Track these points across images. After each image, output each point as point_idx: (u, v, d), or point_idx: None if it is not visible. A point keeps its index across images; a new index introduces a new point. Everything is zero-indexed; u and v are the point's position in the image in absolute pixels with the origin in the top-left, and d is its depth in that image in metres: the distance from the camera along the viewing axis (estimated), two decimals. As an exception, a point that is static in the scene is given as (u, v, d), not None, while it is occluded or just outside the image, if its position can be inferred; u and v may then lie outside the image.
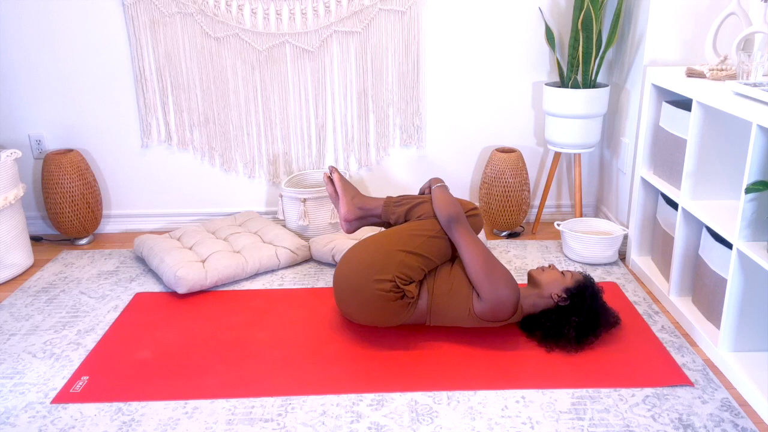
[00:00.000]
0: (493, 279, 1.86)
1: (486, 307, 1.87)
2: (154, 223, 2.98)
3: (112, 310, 2.23)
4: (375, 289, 1.86)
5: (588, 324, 1.91)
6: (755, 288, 1.80)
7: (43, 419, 1.67)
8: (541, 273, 2.01)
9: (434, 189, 2.05)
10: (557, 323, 1.91)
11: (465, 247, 1.92)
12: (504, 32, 2.72)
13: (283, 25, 2.67)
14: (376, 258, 1.89)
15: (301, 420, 1.66)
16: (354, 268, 1.92)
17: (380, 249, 1.92)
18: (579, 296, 1.91)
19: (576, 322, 1.90)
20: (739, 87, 1.74)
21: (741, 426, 1.61)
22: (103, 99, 2.77)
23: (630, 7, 2.52)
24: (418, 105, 2.81)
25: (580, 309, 1.90)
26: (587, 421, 1.64)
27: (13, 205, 2.47)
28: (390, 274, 1.86)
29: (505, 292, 1.85)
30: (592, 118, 2.58)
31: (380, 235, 1.98)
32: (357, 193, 2.17)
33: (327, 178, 2.22)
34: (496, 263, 1.90)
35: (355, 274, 1.91)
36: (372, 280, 1.86)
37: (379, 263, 1.88)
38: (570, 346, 1.91)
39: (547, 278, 1.98)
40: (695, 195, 2.06)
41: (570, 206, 3.02)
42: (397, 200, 2.09)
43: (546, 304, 1.95)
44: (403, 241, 1.92)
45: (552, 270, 2.01)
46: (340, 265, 1.98)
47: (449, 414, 1.67)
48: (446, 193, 2.03)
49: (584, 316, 1.90)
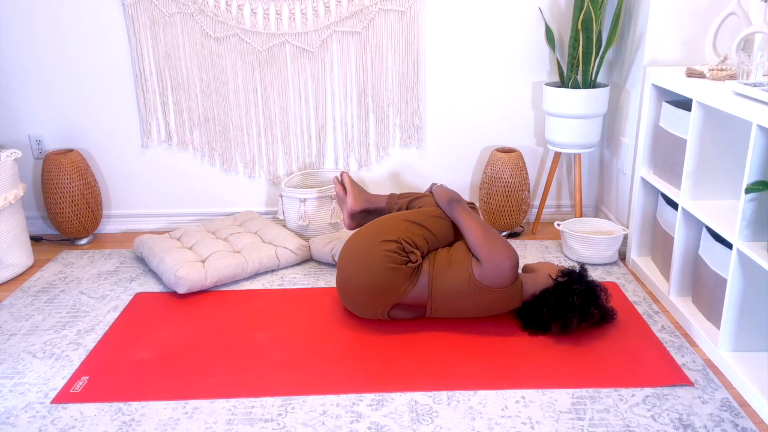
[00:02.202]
0: (492, 242, 1.98)
1: (486, 270, 1.94)
2: (154, 223, 2.98)
3: (112, 310, 2.23)
4: (381, 251, 1.95)
5: (588, 294, 1.97)
6: (755, 288, 1.80)
7: (43, 419, 1.67)
8: (536, 263, 2.16)
9: (435, 187, 2.22)
10: (560, 295, 1.97)
11: (465, 221, 2.06)
12: (504, 32, 2.72)
13: (283, 25, 2.67)
14: (381, 225, 2.04)
15: (301, 420, 1.66)
16: (360, 238, 2.04)
17: (386, 220, 2.08)
18: (574, 273, 2.02)
19: (578, 290, 1.96)
20: (739, 87, 1.74)
21: (741, 426, 1.61)
22: (103, 99, 2.77)
23: (630, 7, 2.52)
24: (418, 105, 2.81)
25: (579, 281, 1.99)
26: (587, 421, 1.64)
27: (13, 205, 2.47)
28: (396, 236, 1.99)
29: (503, 252, 1.96)
30: (592, 118, 2.58)
31: (384, 217, 2.13)
32: (364, 190, 2.39)
33: (337, 180, 2.41)
34: (495, 232, 2.03)
35: (361, 242, 2.02)
36: (378, 242, 1.97)
37: (385, 228, 2.02)
38: (576, 317, 1.95)
39: (542, 265, 2.13)
40: (695, 195, 2.06)
41: (570, 206, 3.02)
42: (400, 195, 2.29)
43: (546, 284, 2.03)
44: (409, 215, 2.08)
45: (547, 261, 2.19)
46: (347, 242, 2.09)
47: (449, 414, 1.67)
48: (446, 188, 2.19)
49: (584, 285, 1.98)
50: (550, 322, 1.97)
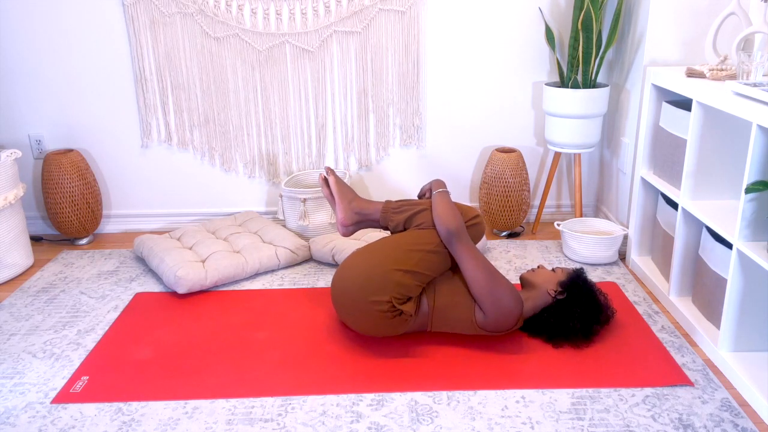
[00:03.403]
0: (496, 295, 1.85)
1: (489, 319, 1.88)
2: (154, 223, 2.98)
3: (112, 310, 2.23)
4: (372, 309, 1.84)
5: (590, 312, 1.93)
6: (755, 288, 1.80)
7: (43, 419, 1.67)
8: (533, 274, 2.04)
9: (434, 195, 1.98)
10: (561, 318, 1.93)
11: (466, 263, 1.88)
12: (504, 32, 2.72)
13: (283, 25, 2.67)
14: (371, 278, 1.84)
15: (301, 420, 1.66)
16: (349, 287, 1.88)
17: (376, 267, 1.85)
18: (574, 286, 1.94)
19: (579, 313, 1.92)
20: (739, 87, 1.74)
21: (741, 426, 1.61)
22: (103, 99, 2.77)
23: (630, 7, 2.52)
24: (418, 105, 2.81)
25: (578, 298, 1.93)
26: (587, 421, 1.64)
27: (13, 205, 2.47)
28: (386, 296, 1.82)
29: (509, 307, 1.86)
30: (592, 118, 2.58)
31: (377, 250, 1.92)
32: (354, 197, 2.10)
33: (323, 180, 2.15)
34: (498, 278, 1.88)
35: (350, 294, 1.87)
36: (368, 301, 1.83)
37: (374, 284, 1.83)
38: (578, 338, 1.93)
39: (540, 278, 2.01)
40: (695, 195, 2.06)
41: (570, 206, 3.02)
42: (396, 207, 2.01)
43: (545, 301, 1.96)
44: (400, 258, 1.86)
45: (542, 269, 2.05)
46: (337, 279, 1.94)
47: (449, 414, 1.67)
48: (446, 201, 1.95)
49: (584, 304, 1.92)
50: (552, 339, 1.96)
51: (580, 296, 1.93)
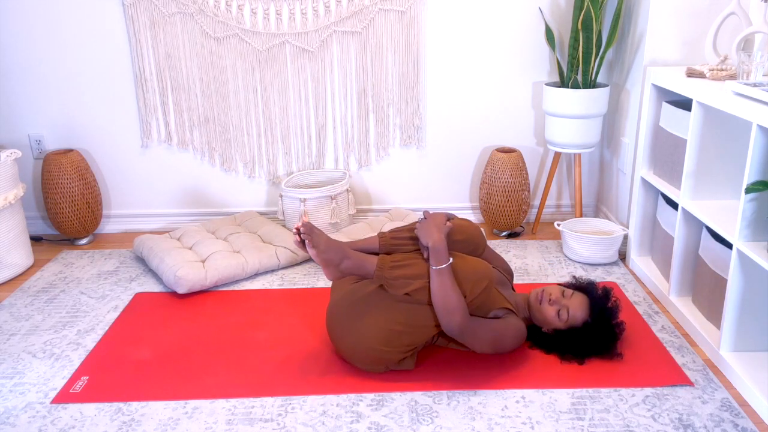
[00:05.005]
0: (503, 351, 1.84)
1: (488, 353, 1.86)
2: (154, 223, 2.98)
3: (112, 310, 2.23)
4: (366, 360, 1.80)
5: (603, 340, 1.87)
6: (755, 288, 1.80)
7: (43, 419, 1.67)
8: (539, 307, 1.88)
9: (433, 276, 1.70)
10: (573, 345, 1.87)
11: (472, 346, 1.77)
12: (504, 32, 2.72)
13: (283, 25, 2.67)
14: (357, 352, 1.78)
15: (301, 420, 1.66)
16: (340, 347, 1.83)
17: (363, 341, 1.75)
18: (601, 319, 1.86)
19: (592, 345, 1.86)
20: (739, 87, 1.74)
21: (741, 426, 1.61)
22: (103, 99, 2.77)
23: (630, 7, 2.51)
24: (418, 105, 2.81)
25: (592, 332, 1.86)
26: (587, 421, 1.64)
27: (13, 205, 2.47)
28: (382, 365, 1.81)
29: (514, 348, 1.84)
30: (592, 118, 2.58)
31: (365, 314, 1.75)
32: (342, 258, 1.74)
33: (298, 242, 1.73)
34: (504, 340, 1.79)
35: (343, 350, 1.83)
36: (357, 360, 1.82)
37: (362, 357, 1.79)
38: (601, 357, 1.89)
39: (546, 316, 1.88)
40: (695, 195, 2.06)
41: (570, 206, 3.02)
42: (391, 264, 1.74)
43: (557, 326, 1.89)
44: (392, 341, 1.74)
45: (551, 306, 1.87)
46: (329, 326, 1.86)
47: (449, 414, 1.67)
48: (446, 289, 1.68)
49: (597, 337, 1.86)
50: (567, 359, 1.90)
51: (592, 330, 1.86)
